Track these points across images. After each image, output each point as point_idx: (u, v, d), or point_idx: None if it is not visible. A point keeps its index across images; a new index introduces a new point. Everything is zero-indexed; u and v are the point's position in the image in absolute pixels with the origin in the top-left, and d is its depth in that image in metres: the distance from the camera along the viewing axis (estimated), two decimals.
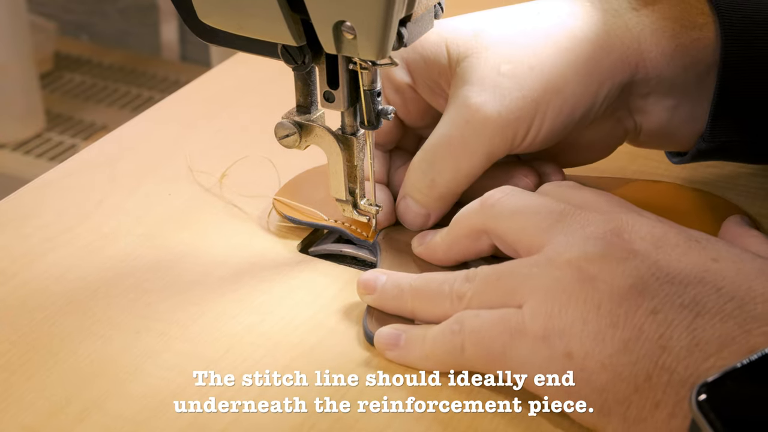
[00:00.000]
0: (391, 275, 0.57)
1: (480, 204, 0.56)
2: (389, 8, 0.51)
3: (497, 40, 0.61)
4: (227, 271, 0.62)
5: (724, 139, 0.63)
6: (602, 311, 0.48)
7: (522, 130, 0.60)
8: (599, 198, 0.55)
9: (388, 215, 0.64)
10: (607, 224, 0.51)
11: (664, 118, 0.64)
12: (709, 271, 0.48)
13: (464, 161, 0.61)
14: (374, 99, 0.58)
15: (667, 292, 0.47)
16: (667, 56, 0.61)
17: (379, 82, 0.58)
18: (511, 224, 0.54)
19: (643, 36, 0.61)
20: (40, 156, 2.15)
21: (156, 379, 0.54)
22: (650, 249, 0.49)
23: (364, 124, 0.59)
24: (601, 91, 0.61)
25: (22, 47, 2.13)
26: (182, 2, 0.57)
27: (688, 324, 0.46)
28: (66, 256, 0.63)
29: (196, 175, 0.71)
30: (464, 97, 0.60)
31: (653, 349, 0.46)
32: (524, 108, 0.60)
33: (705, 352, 0.45)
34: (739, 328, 0.45)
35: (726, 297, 0.47)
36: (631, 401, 0.46)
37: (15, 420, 0.52)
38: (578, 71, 0.60)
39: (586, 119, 0.62)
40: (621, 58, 0.61)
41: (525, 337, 0.49)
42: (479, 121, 0.60)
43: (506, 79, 0.60)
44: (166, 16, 2.49)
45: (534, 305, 0.50)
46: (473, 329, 0.51)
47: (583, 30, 0.61)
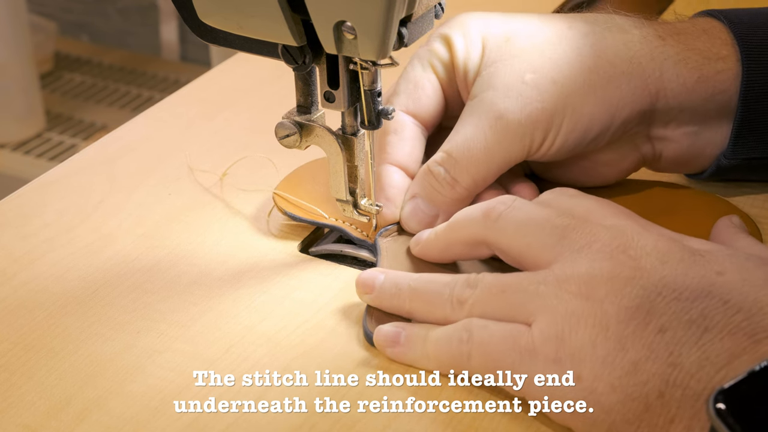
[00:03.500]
0: (390, 274, 0.57)
1: (483, 216, 0.56)
2: (390, 8, 0.51)
3: (526, 48, 0.62)
4: (227, 271, 0.62)
5: (744, 157, 0.64)
6: (610, 334, 0.48)
7: (538, 140, 0.61)
8: (602, 208, 0.54)
9: (398, 209, 0.64)
10: (613, 240, 0.51)
11: (684, 145, 0.65)
12: (715, 285, 0.48)
13: (485, 165, 0.61)
14: (375, 99, 0.58)
15: (675, 309, 0.47)
16: (688, 87, 0.62)
17: (380, 82, 0.58)
18: (516, 239, 0.54)
19: (666, 66, 0.62)
20: (40, 156, 2.15)
21: (156, 379, 0.54)
22: (656, 265, 0.49)
23: (365, 124, 0.59)
24: (618, 114, 0.62)
25: (22, 47, 2.13)
26: (183, 2, 0.57)
27: (696, 339, 0.46)
28: (66, 256, 0.63)
29: (197, 174, 0.71)
30: (489, 102, 0.61)
31: (663, 368, 0.46)
32: (543, 119, 0.61)
33: (716, 366, 0.45)
34: (748, 339, 0.45)
35: (733, 309, 0.47)
36: (642, 420, 0.47)
37: (15, 419, 0.52)
38: (597, 93, 0.61)
39: (600, 139, 0.63)
40: (641, 86, 0.62)
41: (535, 359, 0.50)
42: (502, 126, 0.61)
43: (529, 88, 0.61)
44: (166, 16, 2.49)
45: (544, 327, 0.50)
46: (482, 341, 0.51)
47: (607, 53, 0.62)
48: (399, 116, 0.64)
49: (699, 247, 0.51)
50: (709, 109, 0.63)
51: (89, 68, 2.48)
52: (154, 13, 2.52)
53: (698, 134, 0.64)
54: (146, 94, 2.37)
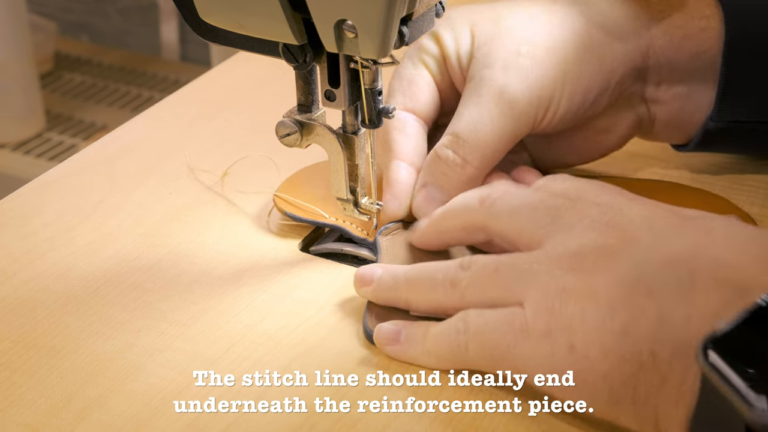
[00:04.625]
0: (388, 268, 0.57)
1: (479, 202, 0.56)
2: (390, 7, 0.51)
3: (515, 24, 0.64)
4: (228, 270, 0.62)
5: (731, 119, 0.64)
6: (600, 301, 0.48)
7: (542, 109, 0.63)
8: (594, 187, 0.55)
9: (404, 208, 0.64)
10: (603, 215, 0.51)
11: (676, 107, 0.66)
12: (703, 244, 0.48)
13: (493, 142, 0.62)
14: (375, 98, 0.58)
15: (663, 271, 0.48)
16: (675, 44, 0.64)
17: (380, 81, 0.58)
18: (511, 223, 0.55)
19: (653, 24, 0.64)
20: (40, 156, 2.15)
21: (157, 378, 0.54)
22: (645, 232, 0.50)
23: (366, 123, 0.59)
24: (613, 75, 0.64)
25: (22, 47, 2.13)
26: (183, 1, 0.57)
27: (684, 296, 0.46)
28: (66, 255, 0.63)
29: (197, 173, 0.71)
30: (489, 80, 0.62)
31: (653, 327, 0.46)
32: (545, 87, 0.62)
33: (704, 319, 0.45)
34: (734, 290, 0.45)
35: (720, 263, 0.47)
36: (638, 380, 0.47)
37: (16, 418, 0.52)
38: (592, 54, 0.63)
39: (599, 102, 0.64)
40: (633, 44, 0.64)
41: (529, 337, 0.50)
42: (507, 101, 0.62)
43: (526, 60, 0.62)
44: (166, 16, 2.49)
45: (535, 303, 0.50)
46: (478, 329, 0.51)
47: (595, 17, 0.64)
48: (399, 114, 0.64)
49: (689, 213, 0.52)
50: (696, 68, 0.64)
51: (89, 68, 2.48)
52: (154, 13, 2.52)
53: (688, 97, 0.66)
54: (146, 94, 2.37)
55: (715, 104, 0.64)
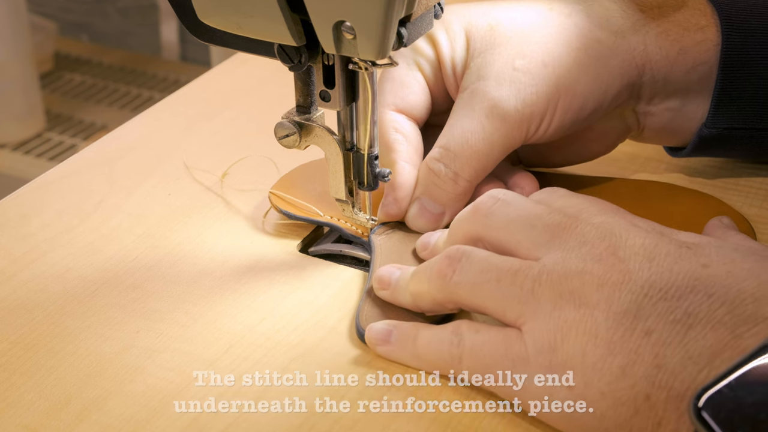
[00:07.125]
0: (405, 269, 0.57)
1: (473, 212, 0.56)
2: (389, 8, 0.51)
3: (511, 35, 0.63)
4: (227, 270, 0.62)
5: (725, 126, 0.64)
6: (599, 340, 0.48)
7: (535, 124, 0.62)
8: (593, 206, 0.54)
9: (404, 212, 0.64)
10: (602, 241, 0.51)
11: (666, 118, 0.66)
12: (700, 279, 0.48)
13: (485, 155, 0.62)
14: (372, 162, 0.60)
15: (660, 309, 0.47)
16: (671, 60, 0.63)
17: (377, 146, 0.60)
18: (507, 235, 0.54)
19: (649, 39, 0.63)
20: (40, 156, 2.15)
21: (156, 379, 0.54)
22: (644, 264, 0.49)
23: (363, 185, 0.61)
24: (609, 90, 0.63)
25: (22, 47, 2.13)
26: (180, 2, 0.57)
27: (680, 339, 0.46)
28: (66, 256, 0.63)
29: (196, 174, 0.71)
30: (482, 92, 0.62)
31: (649, 370, 0.46)
32: (538, 103, 0.62)
33: (698, 365, 0.45)
34: (730, 333, 0.45)
35: (717, 303, 0.47)
36: (633, 424, 0.47)
37: (14, 419, 0.52)
38: (588, 71, 0.62)
39: (594, 116, 0.64)
40: (629, 60, 0.63)
41: (527, 367, 0.50)
42: (499, 115, 0.61)
43: (520, 74, 0.62)
44: (166, 16, 2.49)
45: (537, 335, 0.50)
46: (473, 347, 0.51)
47: (592, 30, 0.63)
48: (392, 115, 0.64)
49: (687, 239, 0.51)
50: (691, 80, 0.64)
51: (89, 68, 2.48)
52: (154, 13, 2.52)
53: (679, 109, 0.65)
54: (146, 94, 2.37)
55: (710, 111, 0.64)
